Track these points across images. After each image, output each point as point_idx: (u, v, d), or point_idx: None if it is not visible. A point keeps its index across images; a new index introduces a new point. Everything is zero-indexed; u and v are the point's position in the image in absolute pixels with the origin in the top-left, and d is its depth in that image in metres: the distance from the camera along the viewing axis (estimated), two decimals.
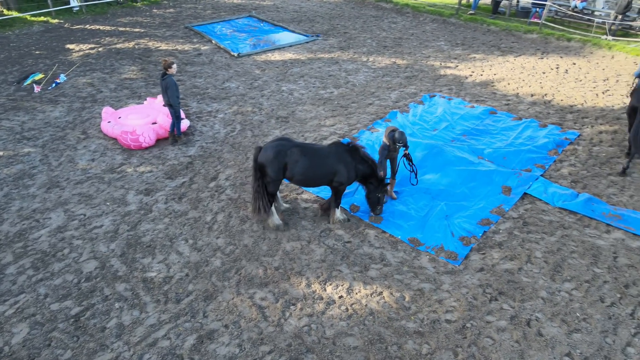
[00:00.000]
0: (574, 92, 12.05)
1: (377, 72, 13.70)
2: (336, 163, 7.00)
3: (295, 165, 6.86)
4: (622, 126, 10.26)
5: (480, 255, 6.88)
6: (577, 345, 5.47)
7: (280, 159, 6.83)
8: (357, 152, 7.11)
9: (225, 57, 14.97)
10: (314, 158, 6.95)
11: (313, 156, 6.96)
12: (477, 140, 9.88)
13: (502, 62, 14.24)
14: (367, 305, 6.07)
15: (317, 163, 6.95)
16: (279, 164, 6.84)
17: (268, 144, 7.00)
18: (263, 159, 6.86)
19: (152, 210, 7.93)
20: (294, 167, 6.87)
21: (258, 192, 7.03)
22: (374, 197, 7.41)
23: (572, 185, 8.37)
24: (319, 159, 6.98)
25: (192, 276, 6.56)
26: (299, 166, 6.86)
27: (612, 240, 7.08)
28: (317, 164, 6.95)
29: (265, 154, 6.85)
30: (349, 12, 20.12)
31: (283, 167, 6.89)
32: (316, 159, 6.96)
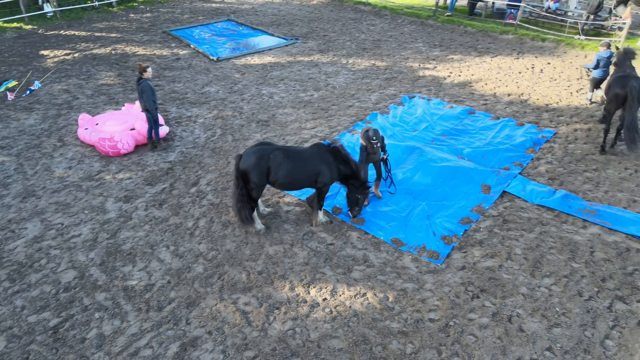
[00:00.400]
0: (549, 91, 12.30)
1: (357, 74, 13.77)
2: (319, 164, 7.02)
3: (279, 169, 6.84)
4: (596, 124, 10.51)
5: (462, 254, 6.95)
6: (557, 340, 5.57)
7: (263, 163, 6.78)
8: (339, 153, 7.14)
9: (204, 62, 14.87)
10: (297, 160, 6.95)
11: (296, 159, 6.96)
12: (456, 140, 10.00)
13: (479, 63, 14.46)
14: (351, 306, 6.08)
15: (301, 165, 6.95)
16: (262, 169, 6.79)
17: (248, 150, 6.93)
18: (245, 166, 6.78)
19: (132, 217, 7.81)
20: (278, 170, 6.84)
21: (241, 201, 6.94)
22: (353, 198, 7.41)
23: (549, 182, 8.53)
24: (302, 161, 6.98)
25: (174, 283, 6.48)
26: (282, 169, 6.85)
27: (588, 235, 7.23)
28: (301, 166, 6.95)
29: (248, 160, 6.78)
30: (327, 15, 20.20)
31: (266, 172, 6.85)
32: (299, 161, 6.96)
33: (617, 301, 6.06)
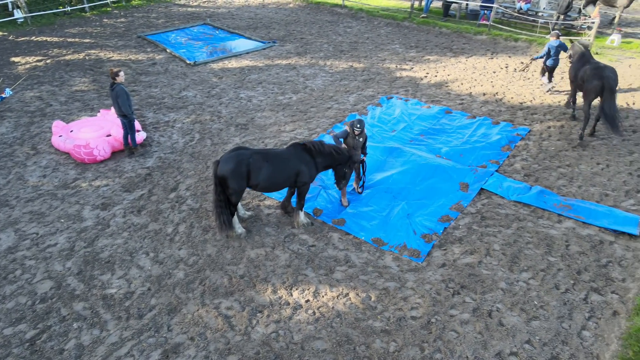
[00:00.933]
0: (523, 90, 12.56)
1: (335, 76, 13.84)
2: (298, 164, 7.06)
3: (259, 173, 6.82)
4: (569, 120, 10.77)
5: (442, 251, 7.04)
6: (536, 332, 5.68)
7: (243, 168, 6.74)
8: (313, 149, 7.17)
9: (181, 66, 14.74)
10: (276, 163, 6.96)
11: (275, 161, 6.97)
12: (434, 140, 10.13)
13: (455, 63, 14.68)
14: (334, 307, 6.09)
15: (281, 167, 6.97)
16: (242, 174, 6.75)
17: (226, 156, 6.84)
18: (224, 172, 6.70)
19: (110, 224, 7.69)
20: (258, 174, 6.83)
21: (220, 207, 6.89)
22: (340, 172, 7.51)
23: (525, 179, 8.71)
24: (282, 163, 7.00)
25: (154, 290, 6.39)
26: (263, 173, 6.84)
27: (563, 229, 7.40)
28: (281, 167, 6.97)
29: (226, 166, 6.71)
30: (304, 17, 20.24)
31: (246, 176, 6.80)
32: (279, 163, 6.98)
33: (592, 293, 6.22)
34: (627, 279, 6.42)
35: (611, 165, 8.99)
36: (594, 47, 15.14)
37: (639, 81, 12.91)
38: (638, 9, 20.27)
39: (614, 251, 6.92)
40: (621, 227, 7.28)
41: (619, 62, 14.25)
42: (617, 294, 6.19)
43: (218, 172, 6.74)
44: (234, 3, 22.81)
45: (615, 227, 7.27)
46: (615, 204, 7.92)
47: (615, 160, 9.17)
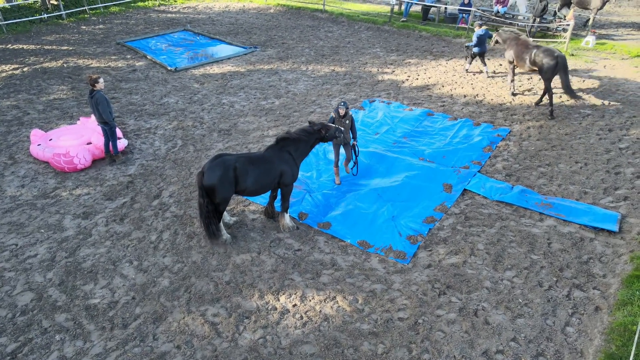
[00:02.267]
0: (502, 92, 12.77)
1: (317, 80, 13.87)
2: (280, 164, 7.07)
3: (246, 178, 6.77)
4: (547, 121, 10.99)
5: (427, 252, 7.09)
6: (521, 330, 5.76)
7: (230, 174, 6.65)
8: (288, 139, 7.15)
9: (162, 72, 14.61)
10: (260, 166, 6.93)
11: (259, 164, 6.94)
12: (417, 142, 10.22)
13: (435, 66, 14.86)
14: (321, 311, 6.08)
15: (265, 169, 6.96)
16: (230, 180, 6.66)
17: (210, 165, 6.68)
18: (212, 181, 6.56)
19: (92, 233, 7.55)
20: (246, 179, 6.78)
21: (209, 217, 6.78)
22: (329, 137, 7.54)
23: (506, 178, 8.84)
24: (265, 165, 6.98)
25: (139, 299, 6.29)
26: (250, 177, 6.80)
27: (545, 227, 7.53)
28: (265, 170, 6.96)
29: (213, 175, 6.57)
30: (285, 22, 20.27)
31: (234, 182, 6.72)
32: (263, 166, 6.95)
33: (574, 289, 6.33)
34: (608, 274, 6.55)
35: (589, 164, 9.19)
36: (570, 49, 15.50)
37: (614, 82, 13.23)
38: (611, 11, 20.83)
39: (595, 248, 7.06)
40: (601, 224, 7.43)
41: (594, 63, 14.61)
42: (598, 289, 6.31)
43: (205, 183, 6.59)
44: (214, 9, 22.74)
45: (595, 224, 7.43)
46: (594, 201, 8.09)
47: (592, 159, 9.37)
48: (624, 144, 9.89)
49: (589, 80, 13.37)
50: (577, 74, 13.85)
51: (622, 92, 12.49)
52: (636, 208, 7.83)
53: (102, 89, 8.95)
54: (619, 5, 22.16)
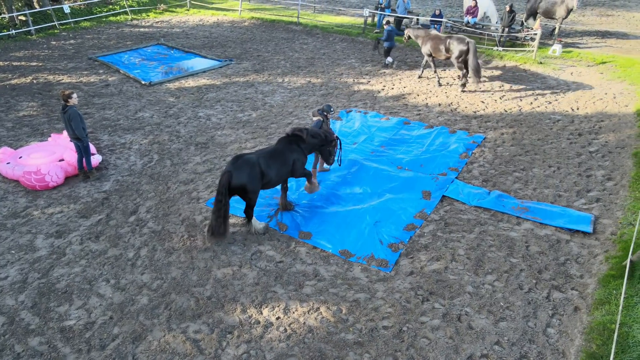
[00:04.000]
0: (475, 99, 13.04)
1: (294, 91, 13.91)
2: (292, 154, 7.63)
3: (269, 171, 7.30)
4: (520, 127, 11.25)
5: (409, 260, 7.11)
6: (504, 333, 5.80)
7: (257, 170, 7.13)
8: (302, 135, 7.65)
9: (136, 87, 14.41)
10: (278, 159, 7.46)
11: (277, 157, 7.46)
12: (395, 150, 10.31)
13: (410, 76, 15.09)
14: (305, 322, 6.01)
15: (282, 161, 7.51)
16: (257, 176, 7.14)
17: (236, 166, 7.03)
18: (242, 180, 6.99)
19: (66, 253, 7.32)
20: (269, 172, 7.30)
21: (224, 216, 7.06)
22: (326, 153, 8.20)
23: (483, 184, 8.99)
24: (282, 157, 7.52)
25: (116, 318, 6.10)
26: (272, 170, 7.34)
27: (522, 231, 7.66)
28: (282, 161, 7.51)
29: (242, 175, 6.99)
30: (260, 35, 20.32)
31: (261, 177, 7.20)
32: (280, 158, 7.49)
33: (554, 290, 6.43)
34: (585, 275, 6.69)
35: (562, 168, 9.43)
36: (538, 57, 15.98)
37: (581, 88, 13.67)
38: (575, 20, 21.60)
39: (571, 249, 7.21)
40: (575, 225, 7.60)
41: (562, 71, 15.09)
42: (576, 290, 6.43)
43: (235, 183, 6.96)
44: (187, 23, 22.64)
45: (570, 226, 7.59)
46: (568, 204, 8.28)
47: (565, 162, 9.62)
48: (594, 147, 10.19)
49: (557, 87, 13.78)
50: (546, 82, 14.27)
51: (589, 97, 12.91)
52: (608, 209, 8.04)
53: (76, 104, 8.76)
54: (583, 14, 23.00)
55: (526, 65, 15.77)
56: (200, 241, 7.51)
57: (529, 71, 15.26)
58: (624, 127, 10.99)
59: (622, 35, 19.10)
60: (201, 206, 8.43)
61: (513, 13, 17.21)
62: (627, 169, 9.14)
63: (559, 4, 17.20)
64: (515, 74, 15.10)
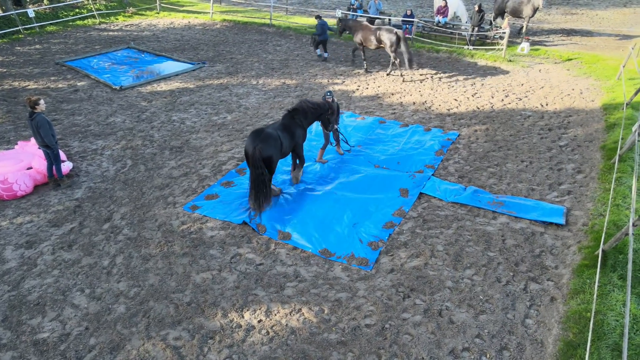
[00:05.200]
0: (448, 97, 13.24)
1: (268, 93, 13.83)
2: (296, 129, 8.43)
3: (284, 143, 8.13)
4: (493, 123, 11.47)
5: (389, 257, 7.15)
6: (484, 326, 5.89)
7: (279, 143, 7.95)
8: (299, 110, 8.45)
9: (106, 92, 14.09)
10: (287, 131, 8.26)
11: (286, 131, 8.26)
12: (371, 149, 10.36)
13: (384, 75, 15.21)
14: (288, 324, 5.97)
15: (290, 134, 8.32)
16: (279, 147, 7.98)
17: (262, 138, 7.70)
18: (270, 151, 7.75)
19: (37, 263, 7.08)
20: (284, 144, 8.13)
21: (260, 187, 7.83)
22: (325, 120, 9.02)
23: (459, 180, 9.11)
24: (289, 130, 8.32)
25: (93, 329, 5.93)
26: (285, 142, 8.16)
27: (499, 225, 7.80)
28: (290, 135, 8.33)
29: (267, 145, 7.72)
30: (232, 37, 20.16)
31: (281, 147, 8.03)
32: (289, 131, 8.29)
33: (530, 282, 6.56)
34: (559, 265, 6.85)
35: (534, 162, 9.65)
36: (507, 55, 16.34)
37: (549, 84, 14.04)
38: (541, 19, 22.20)
39: (545, 241, 7.37)
40: (549, 218, 7.78)
41: (530, 68, 15.46)
42: (552, 280, 6.57)
43: (264, 154, 7.67)
44: (158, 26, 22.28)
45: (544, 219, 7.77)
46: (541, 197, 8.48)
47: (536, 157, 9.85)
48: (563, 141, 10.47)
49: (527, 84, 14.12)
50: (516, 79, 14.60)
51: (557, 93, 13.26)
52: (579, 201, 8.26)
53: (43, 110, 8.49)
54: (548, 13, 23.66)
55: (496, 63, 16.11)
56: (177, 246, 7.38)
57: (499, 69, 15.59)
58: (591, 121, 11.33)
59: (586, 33, 19.72)
60: (178, 211, 8.29)
61: (482, 12, 17.57)
62: (596, 161, 9.42)
63: (525, 3, 17.64)
64: (486, 72, 15.40)
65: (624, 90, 11.90)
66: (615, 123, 10.70)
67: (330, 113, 8.95)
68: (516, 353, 5.50)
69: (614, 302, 5.83)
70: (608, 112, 11.55)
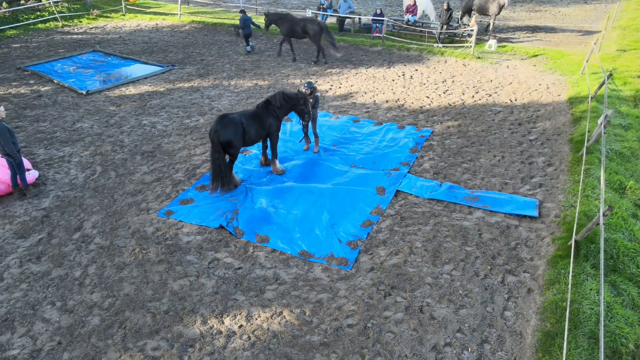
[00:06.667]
0: (421, 95, 13.37)
1: (241, 95, 13.67)
2: (268, 118, 8.75)
3: (250, 130, 8.44)
4: (465, 120, 11.64)
5: (369, 256, 7.14)
6: (464, 320, 5.94)
7: (240, 129, 8.25)
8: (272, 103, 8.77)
9: (72, 97, 13.64)
10: (257, 120, 8.57)
11: (256, 119, 8.57)
12: (347, 148, 10.36)
13: (356, 74, 15.26)
14: (269, 328, 5.88)
15: (259, 123, 8.61)
16: (240, 133, 8.27)
17: (223, 124, 8.09)
18: (228, 136, 8.10)
19: (4, 277, 6.77)
20: (250, 131, 8.43)
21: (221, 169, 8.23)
22: (300, 111, 9.27)
23: (434, 177, 9.20)
24: (259, 119, 8.62)
25: (66, 343, 5.71)
26: (252, 129, 8.47)
27: (475, 220, 7.90)
28: (259, 124, 8.61)
29: (228, 131, 8.10)
30: (202, 39, 19.86)
31: (243, 134, 8.33)
32: (258, 120, 8.59)
33: (507, 275, 6.67)
34: (535, 257, 6.98)
35: (506, 157, 9.83)
36: (476, 52, 16.63)
37: (517, 80, 14.36)
38: (507, 16, 22.70)
39: (520, 234, 7.51)
40: (522, 211, 7.93)
41: (498, 64, 15.78)
42: (528, 272, 6.69)
43: (222, 139, 8.06)
44: (124, 28, 21.75)
45: (518, 212, 7.91)
46: (514, 190, 8.64)
47: (508, 151, 10.04)
48: (533, 135, 10.71)
49: (496, 80, 14.40)
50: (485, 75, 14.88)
51: (525, 89, 13.57)
52: (551, 193, 8.46)
53: (4, 117, 8.14)
54: (513, 11, 24.22)
55: (465, 60, 16.38)
56: (152, 254, 7.19)
57: (468, 66, 15.85)
58: (558, 115, 11.63)
59: (550, 29, 20.28)
60: (152, 217, 8.08)
61: (450, 11, 17.83)
62: (565, 154, 9.67)
63: (491, 1, 17.99)
64: (456, 69, 15.64)
65: (588, 84, 12.27)
66: (581, 116, 11.01)
67: (303, 104, 9.12)
68: (497, 345, 5.57)
69: (588, 291, 5.97)
70: (574, 106, 11.88)
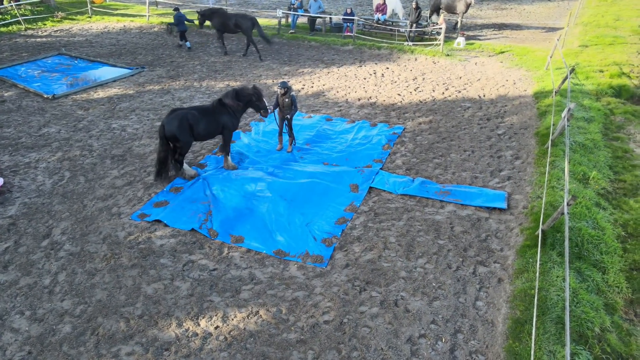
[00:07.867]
0: (392, 92, 13.53)
1: (213, 96, 13.55)
2: (221, 116, 8.87)
3: (198, 126, 8.57)
4: (435, 116, 11.84)
5: (343, 253, 7.21)
6: (438, 312, 6.06)
7: (185, 123, 8.38)
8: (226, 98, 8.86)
9: (37, 101, 13.28)
10: (207, 117, 8.70)
11: (206, 115, 8.71)
12: (320, 147, 10.41)
13: (328, 73, 15.33)
14: (246, 328, 5.88)
15: (210, 120, 8.75)
16: (186, 128, 8.41)
17: (168, 118, 8.35)
18: (172, 130, 8.27)
19: None
20: (198, 127, 8.59)
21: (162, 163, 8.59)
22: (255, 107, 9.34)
23: (407, 172, 9.34)
24: (212, 116, 8.77)
25: (36, 352, 5.57)
26: (201, 125, 8.60)
27: (446, 213, 8.06)
28: (212, 120, 8.77)
29: (172, 125, 8.27)
30: (172, 40, 19.59)
31: (190, 129, 8.50)
32: (209, 117, 8.72)
33: (479, 266, 6.83)
34: (504, 248, 7.17)
35: (475, 151, 10.05)
36: (445, 50, 16.93)
37: (485, 76, 14.69)
38: (474, 14, 23.17)
39: (490, 226, 7.70)
40: (492, 203, 8.14)
41: (467, 61, 16.10)
42: (498, 263, 6.87)
43: (167, 133, 8.29)
44: (91, 30, 21.28)
45: (488, 204, 8.11)
46: (484, 184, 8.85)
47: (478, 146, 10.27)
48: (501, 130, 10.99)
49: (465, 77, 14.69)
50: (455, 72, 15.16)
51: (493, 84, 13.89)
52: (518, 185, 8.70)
53: None
54: (480, 9, 24.75)
55: (435, 57, 16.65)
56: (125, 258, 7.08)
57: (438, 63, 16.13)
58: (524, 109, 11.96)
59: (515, 27, 20.80)
60: (124, 221, 7.95)
61: (419, 9, 18.10)
62: (532, 147, 9.95)
63: (458, 0, 18.34)
64: (426, 66, 15.89)
65: (552, 79, 12.65)
66: (546, 110, 11.35)
67: (257, 99, 9.19)
68: (469, 335, 5.70)
69: (554, 278, 6.18)
70: (539, 100, 12.23)
